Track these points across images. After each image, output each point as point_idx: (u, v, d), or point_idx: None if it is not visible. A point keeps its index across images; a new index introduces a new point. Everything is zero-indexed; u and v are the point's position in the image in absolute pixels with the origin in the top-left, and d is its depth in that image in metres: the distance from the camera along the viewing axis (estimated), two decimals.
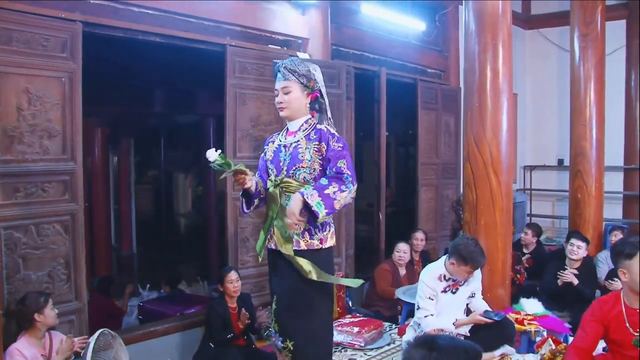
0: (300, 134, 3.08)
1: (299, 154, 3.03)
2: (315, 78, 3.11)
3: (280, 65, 3.09)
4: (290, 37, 5.43)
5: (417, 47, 7.06)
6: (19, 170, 3.60)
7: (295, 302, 3.05)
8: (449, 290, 3.95)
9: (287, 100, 3.06)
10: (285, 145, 3.09)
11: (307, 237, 3.03)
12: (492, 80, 4.42)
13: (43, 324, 3.32)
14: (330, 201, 2.89)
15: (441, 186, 7.16)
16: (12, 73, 3.57)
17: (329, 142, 3.02)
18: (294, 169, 3.02)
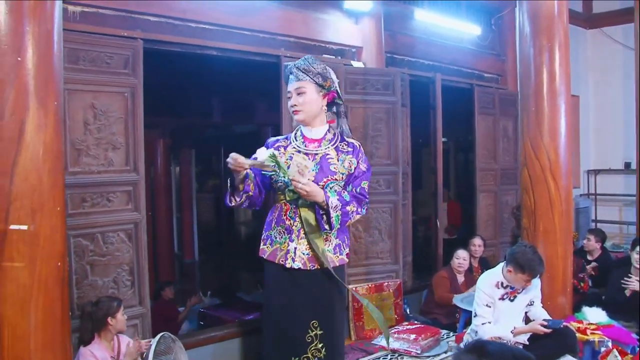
0: (327, 143, 2.94)
1: (331, 165, 2.90)
2: (331, 77, 2.95)
3: (292, 66, 2.93)
4: (344, 46, 5.48)
5: (473, 51, 6.98)
6: (85, 181, 3.77)
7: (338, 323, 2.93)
8: (506, 298, 3.90)
9: (302, 103, 2.89)
10: (308, 154, 2.90)
11: (338, 254, 2.93)
12: (548, 83, 4.33)
13: (114, 328, 3.41)
14: (346, 218, 2.84)
15: (500, 192, 7.03)
16: (79, 90, 3.74)
17: (359, 160, 2.95)
18: (325, 180, 2.86)
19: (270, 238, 2.96)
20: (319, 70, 2.90)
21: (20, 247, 1.96)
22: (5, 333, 1.93)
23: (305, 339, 2.85)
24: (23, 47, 1.99)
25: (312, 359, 2.84)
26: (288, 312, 2.86)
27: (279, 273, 2.90)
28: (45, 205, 2.04)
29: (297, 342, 2.84)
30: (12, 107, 1.95)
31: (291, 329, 2.85)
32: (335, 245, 2.92)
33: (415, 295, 6.01)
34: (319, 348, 2.84)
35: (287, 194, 2.88)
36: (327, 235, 2.89)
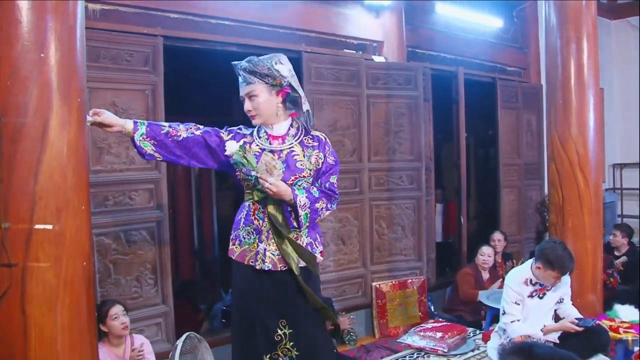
0: (292, 139, 2.81)
1: (297, 162, 2.78)
2: (281, 72, 2.74)
3: (239, 68, 2.77)
4: (365, 40, 5.42)
5: (495, 45, 6.88)
6: (108, 179, 3.76)
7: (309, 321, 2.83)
8: (535, 295, 3.82)
9: (256, 106, 2.76)
10: (273, 151, 2.78)
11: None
12: (576, 75, 4.23)
13: (111, 333, 3.34)
14: (315, 216, 2.75)
15: (524, 187, 6.92)
16: (101, 88, 3.74)
17: (326, 153, 2.83)
18: (292, 179, 2.75)
19: (239, 238, 2.85)
20: (265, 70, 2.72)
21: (45, 247, 1.93)
22: (33, 334, 1.90)
23: (275, 337, 2.78)
24: (46, 43, 1.95)
25: (282, 357, 2.78)
26: (257, 311, 2.79)
27: (247, 274, 2.81)
28: (70, 204, 2.00)
29: (266, 341, 2.78)
30: (35, 104, 1.91)
31: (260, 328, 2.79)
32: (307, 244, 2.81)
33: (439, 293, 5.94)
34: (289, 347, 2.78)
35: (255, 193, 2.77)
36: (298, 234, 2.80)
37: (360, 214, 5.11)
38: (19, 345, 1.91)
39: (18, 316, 1.90)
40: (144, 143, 2.72)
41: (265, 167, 2.65)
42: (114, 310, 3.33)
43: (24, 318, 1.90)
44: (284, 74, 2.75)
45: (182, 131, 2.77)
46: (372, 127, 5.15)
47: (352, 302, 5.08)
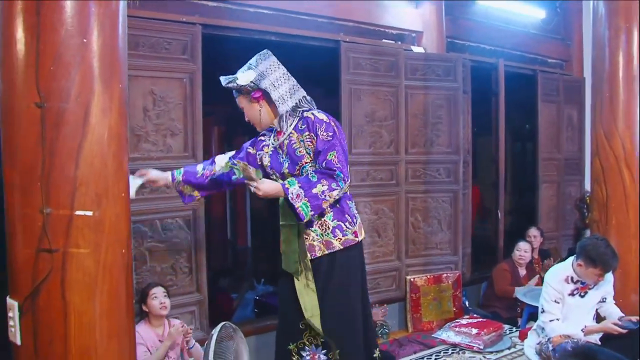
0: (289, 128, 2.82)
1: (296, 150, 2.79)
2: (245, 80, 2.81)
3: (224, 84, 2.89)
4: (404, 31, 5.34)
5: (537, 36, 6.71)
6: (145, 167, 3.76)
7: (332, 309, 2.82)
8: (576, 294, 3.71)
9: (248, 117, 2.93)
10: (280, 146, 2.86)
11: (339, 235, 2.79)
12: (625, 67, 4.07)
13: (152, 313, 3.44)
14: (319, 202, 2.65)
15: (563, 183, 6.76)
16: (139, 76, 3.74)
17: (317, 131, 2.73)
18: (298, 168, 2.78)
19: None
20: (235, 85, 2.83)
21: (85, 233, 1.93)
22: (72, 320, 1.90)
23: (300, 325, 2.81)
24: (89, 29, 1.94)
25: (308, 345, 2.81)
26: (287, 300, 2.85)
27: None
28: (110, 190, 2.00)
29: (293, 329, 2.83)
30: (77, 89, 1.90)
31: (289, 316, 2.84)
32: (333, 228, 2.79)
33: (474, 288, 5.85)
34: (313, 335, 2.79)
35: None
36: (323, 220, 2.80)
37: (396, 206, 5.05)
38: (58, 330, 1.91)
39: (58, 302, 1.90)
40: (182, 188, 3.15)
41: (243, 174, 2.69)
42: (154, 290, 3.44)
43: (64, 304, 1.90)
44: (249, 79, 2.80)
45: (215, 168, 3.07)
46: (409, 119, 5.08)
47: (385, 295, 5.03)
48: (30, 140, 1.89)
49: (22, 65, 1.89)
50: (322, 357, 2.79)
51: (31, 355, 1.93)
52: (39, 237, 1.89)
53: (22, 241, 1.93)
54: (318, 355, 2.80)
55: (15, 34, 1.90)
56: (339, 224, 2.80)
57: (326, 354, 2.79)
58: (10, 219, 1.97)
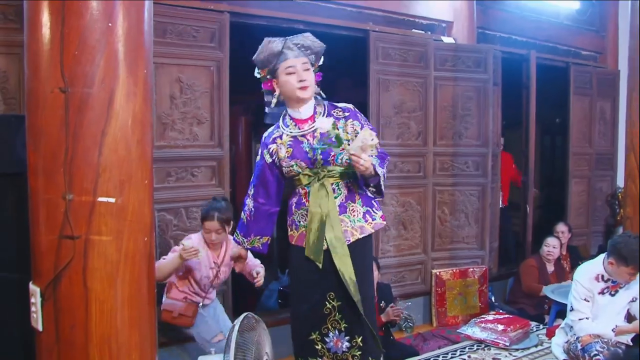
0: (320, 116, 2.81)
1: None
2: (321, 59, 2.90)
3: (290, 41, 2.81)
4: (434, 20, 5.26)
5: (570, 27, 6.56)
6: (171, 155, 3.77)
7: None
8: (607, 292, 3.62)
9: (309, 79, 2.78)
10: (306, 135, 2.81)
11: (369, 219, 2.84)
12: None
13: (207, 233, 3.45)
14: (385, 182, 2.84)
15: (594, 178, 6.62)
16: (166, 64, 3.74)
17: (361, 121, 2.84)
18: (332, 154, 2.77)
19: (295, 223, 2.91)
20: (317, 50, 2.85)
21: (108, 221, 1.90)
22: (93, 308, 1.89)
23: (324, 310, 2.81)
24: (114, 13, 1.91)
25: (332, 330, 2.81)
26: (309, 286, 2.84)
27: (300, 255, 2.85)
28: (133, 177, 1.97)
29: (316, 316, 2.82)
30: (102, 74, 1.88)
31: (312, 302, 2.83)
32: (363, 213, 2.84)
33: (500, 283, 5.76)
34: (337, 319, 2.80)
35: (302, 178, 2.83)
36: (354, 206, 2.83)
37: (423, 199, 4.99)
38: (80, 317, 1.90)
39: (80, 289, 1.89)
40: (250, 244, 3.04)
41: (361, 143, 2.59)
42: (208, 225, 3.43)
43: (86, 291, 1.89)
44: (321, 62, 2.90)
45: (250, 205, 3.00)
46: (438, 110, 5.00)
47: (410, 289, 4.98)
48: (54, 125, 1.87)
49: (47, 49, 1.87)
50: (345, 344, 2.80)
51: (52, 341, 1.92)
52: (62, 223, 1.87)
53: (45, 227, 1.91)
54: (341, 341, 2.81)
55: (41, 17, 1.87)
56: (368, 209, 2.86)
57: (349, 340, 2.80)
58: (34, 204, 1.96)
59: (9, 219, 2.66)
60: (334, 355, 2.83)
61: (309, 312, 2.85)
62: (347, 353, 2.82)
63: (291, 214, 2.93)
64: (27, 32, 1.94)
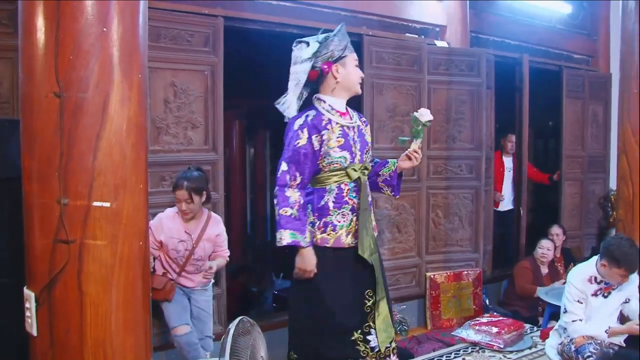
0: (354, 115, 2.95)
1: (365, 135, 2.95)
2: None
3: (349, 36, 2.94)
4: (428, 24, 5.28)
5: (562, 31, 6.60)
6: (165, 159, 3.76)
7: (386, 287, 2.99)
8: (600, 294, 3.64)
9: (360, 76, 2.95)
10: (349, 127, 2.87)
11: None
12: None
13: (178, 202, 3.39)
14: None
15: (587, 181, 6.65)
16: (160, 68, 3.74)
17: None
18: (365, 152, 2.92)
19: (332, 224, 2.84)
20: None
21: (102, 225, 1.91)
22: (88, 312, 1.89)
23: (365, 309, 2.84)
24: (108, 17, 1.91)
25: (373, 327, 2.83)
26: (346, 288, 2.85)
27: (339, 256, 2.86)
28: (128, 182, 1.97)
29: (356, 316, 2.83)
30: (96, 79, 1.88)
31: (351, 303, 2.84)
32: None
33: (494, 286, 5.78)
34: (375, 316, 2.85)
35: (351, 172, 2.83)
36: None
37: (416, 202, 5.01)
38: (74, 322, 1.90)
39: (74, 293, 1.89)
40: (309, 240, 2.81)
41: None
42: (178, 194, 3.38)
43: (80, 295, 1.89)
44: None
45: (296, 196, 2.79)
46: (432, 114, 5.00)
47: (405, 292, 4.99)
48: (48, 130, 1.87)
49: (42, 54, 1.88)
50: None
51: (47, 346, 1.92)
52: (56, 227, 1.87)
53: (39, 231, 1.91)
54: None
55: (36, 22, 1.88)
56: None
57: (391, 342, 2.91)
58: (28, 208, 1.96)
59: (3, 224, 2.66)
60: (377, 354, 2.84)
61: (350, 312, 2.84)
62: (389, 348, 2.87)
63: (326, 215, 2.84)
64: (21, 37, 1.95)
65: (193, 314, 3.61)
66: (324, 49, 2.83)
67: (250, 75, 6.38)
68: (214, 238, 3.55)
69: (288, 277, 6.40)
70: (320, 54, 2.83)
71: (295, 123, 2.83)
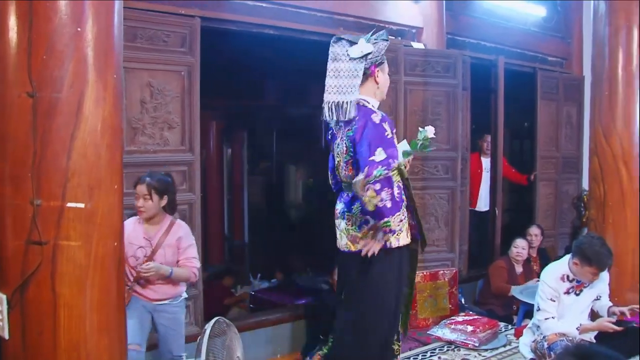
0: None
1: None
2: None
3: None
4: (404, 26, 5.30)
5: (537, 34, 6.67)
6: (141, 160, 3.73)
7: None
8: (572, 292, 3.70)
9: None
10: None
11: None
12: (624, 65, 4.07)
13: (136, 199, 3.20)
14: None
15: (561, 181, 6.74)
16: (137, 68, 3.71)
17: None
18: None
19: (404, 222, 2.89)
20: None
21: (76, 226, 1.90)
22: (62, 313, 1.88)
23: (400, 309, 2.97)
24: (83, 18, 1.91)
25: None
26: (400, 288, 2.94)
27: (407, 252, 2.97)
28: (103, 182, 1.97)
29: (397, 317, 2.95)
30: (71, 79, 1.88)
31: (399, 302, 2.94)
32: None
33: (470, 285, 5.83)
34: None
35: (402, 171, 2.94)
36: None
37: None
38: (47, 324, 1.89)
39: (48, 294, 1.88)
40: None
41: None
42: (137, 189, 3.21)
43: (54, 297, 1.88)
44: None
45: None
46: (408, 115, 5.06)
47: None
48: (21, 130, 1.87)
49: (14, 53, 1.87)
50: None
51: (19, 350, 1.91)
52: (29, 228, 1.87)
53: (12, 233, 1.91)
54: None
55: (8, 21, 1.87)
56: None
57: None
58: (1, 210, 1.94)
59: None
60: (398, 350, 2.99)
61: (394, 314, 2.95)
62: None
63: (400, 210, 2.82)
64: None
65: (159, 332, 3.33)
66: (375, 51, 2.84)
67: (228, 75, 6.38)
68: (175, 243, 3.25)
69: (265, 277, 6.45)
70: (372, 56, 2.88)
71: (375, 118, 2.84)
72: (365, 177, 2.58)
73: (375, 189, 2.58)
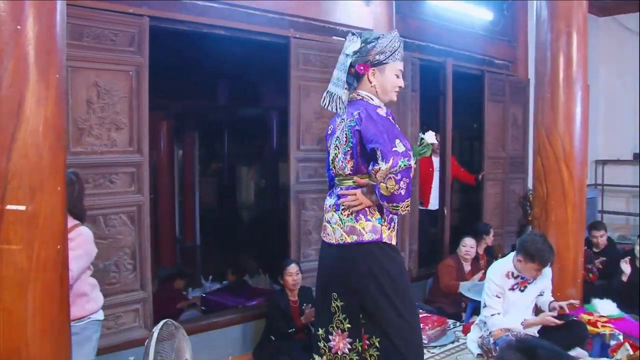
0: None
1: None
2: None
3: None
4: (355, 28, 5.31)
5: (484, 37, 6.83)
6: (88, 161, 3.66)
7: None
8: (517, 288, 3.82)
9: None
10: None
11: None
12: (565, 69, 4.21)
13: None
14: None
15: (507, 181, 6.93)
16: (83, 67, 3.63)
17: None
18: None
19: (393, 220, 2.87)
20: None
21: (17, 229, 1.86)
22: (1, 319, 1.83)
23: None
24: (23, 15, 1.87)
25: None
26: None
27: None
28: (45, 184, 1.93)
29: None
30: (10, 78, 1.83)
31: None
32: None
33: (420, 284, 5.92)
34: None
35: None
36: None
37: None
38: None
39: None
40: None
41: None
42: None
43: None
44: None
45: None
46: None
47: None
48: None
49: None
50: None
51: None
52: None
53: None
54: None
55: None
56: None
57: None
58: None
59: None
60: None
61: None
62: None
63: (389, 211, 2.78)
64: None
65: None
66: (365, 50, 2.82)
67: (180, 76, 6.32)
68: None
69: (217, 279, 6.40)
70: (361, 54, 2.81)
71: (381, 111, 2.76)
72: (390, 167, 2.59)
73: (396, 179, 2.59)
